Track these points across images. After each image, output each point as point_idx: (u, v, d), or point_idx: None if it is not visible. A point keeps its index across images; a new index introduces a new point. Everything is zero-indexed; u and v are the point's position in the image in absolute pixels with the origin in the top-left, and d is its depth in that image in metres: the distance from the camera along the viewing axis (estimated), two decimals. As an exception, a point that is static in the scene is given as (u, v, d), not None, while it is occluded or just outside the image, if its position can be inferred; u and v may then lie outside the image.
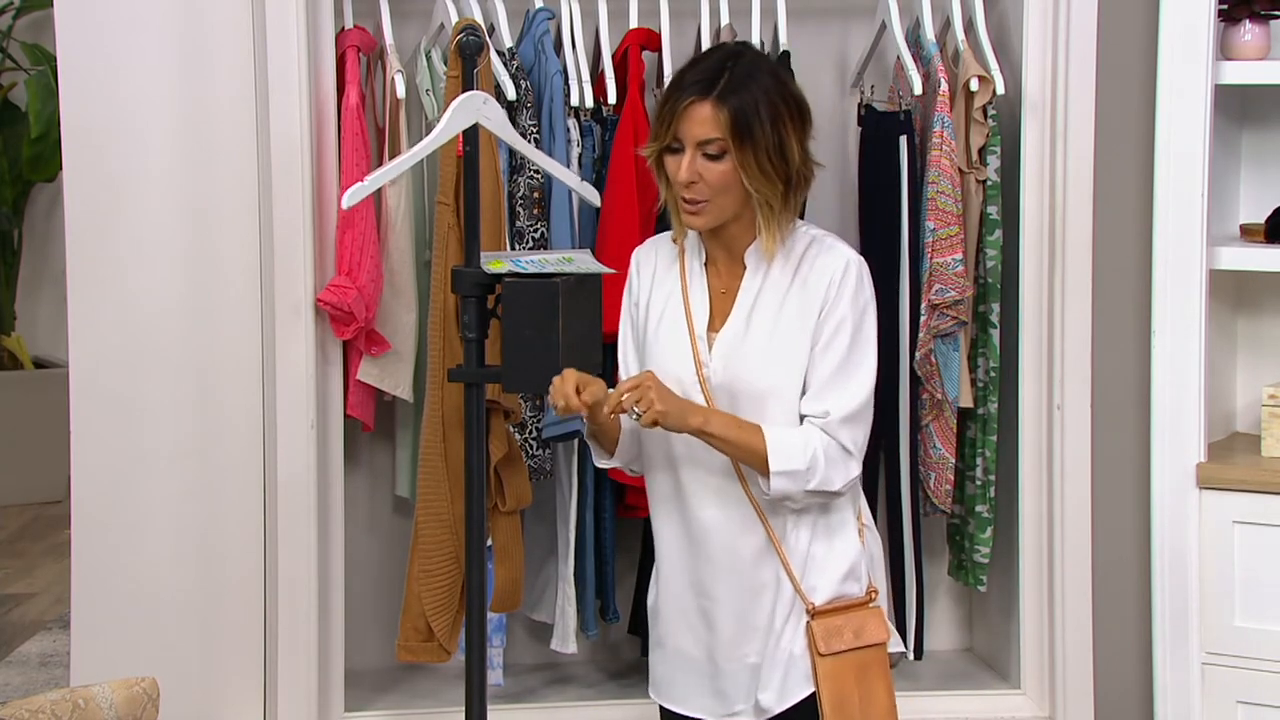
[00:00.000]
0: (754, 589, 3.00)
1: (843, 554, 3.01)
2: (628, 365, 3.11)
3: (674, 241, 3.04)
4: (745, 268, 2.98)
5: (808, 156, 2.93)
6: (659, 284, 3.04)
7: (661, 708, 3.16)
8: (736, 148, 2.85)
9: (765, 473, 2.90)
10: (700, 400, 2.96)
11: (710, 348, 2.97)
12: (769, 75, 2.90)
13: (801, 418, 2.95)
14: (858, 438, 2.94)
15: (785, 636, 2.99)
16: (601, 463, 3.12)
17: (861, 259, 3.00)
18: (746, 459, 2.92)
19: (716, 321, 2.99)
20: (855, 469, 2.95)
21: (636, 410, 2.85)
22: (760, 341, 2.95)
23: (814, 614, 2.97)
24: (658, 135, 2.90)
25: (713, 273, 3.01)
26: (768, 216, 2.90)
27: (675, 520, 3.04)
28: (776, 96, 2.88)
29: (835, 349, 2.94)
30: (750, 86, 2.86)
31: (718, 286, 2.99)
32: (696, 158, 2.86)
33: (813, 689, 2.98)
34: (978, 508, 4.24)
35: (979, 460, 4.22)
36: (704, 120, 2.84)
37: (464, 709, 3.47)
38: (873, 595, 3.02)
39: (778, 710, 3.00)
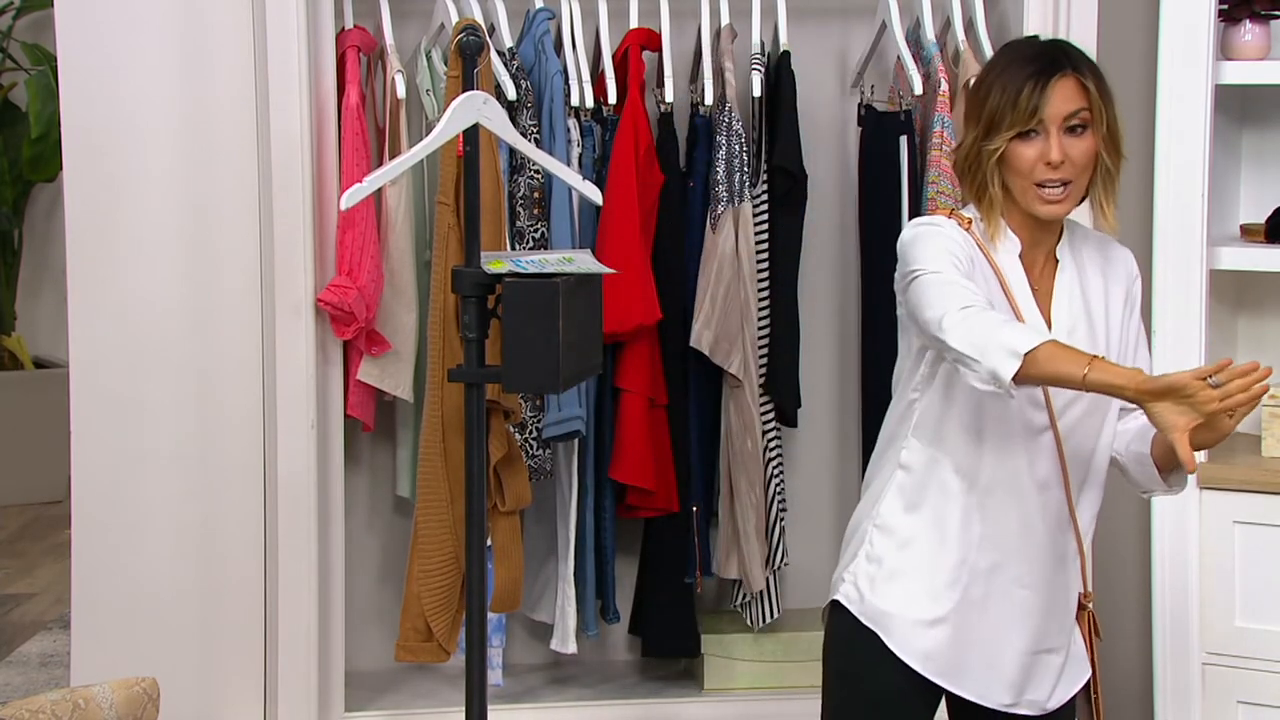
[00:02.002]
0: (1058, 586, 2.95)
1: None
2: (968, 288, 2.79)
3: (964, 227, 2.88)
4: (1057, 263, 2.91)
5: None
6: (972, 267, 2.86)
7: (919, 684, 2.97)
8: (1099, 119, 2.82)
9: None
10: (1038, 393, 2.84)
11: None
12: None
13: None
14: None
15: (1076, 626, 2.99)
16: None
17: None
18: None
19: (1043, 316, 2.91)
20: None
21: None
22: (1101, 337, 2.91)
23: (1086, 601, 2.99)
24: (1014, 122, 2.80)
25: (1025, 267, 2.90)
26: (1110, 191, 2.87)
27: (986, 504, 2.89)
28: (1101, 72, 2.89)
29: (1145, 348, 2.99)
30: (1088, 59, 2.86)
31: (1031, 282, 2.90)
32: (1061, 135, 2.80)
33: (1087, 677, 2.99)
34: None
35: (979, 460, 4.22)
36: (1071, 94, 2.80)
37: (464, 709, 3.47)
38: None
39: (1062, 703, 2.98)
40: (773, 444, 4.20)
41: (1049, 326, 2.87)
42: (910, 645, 2.91)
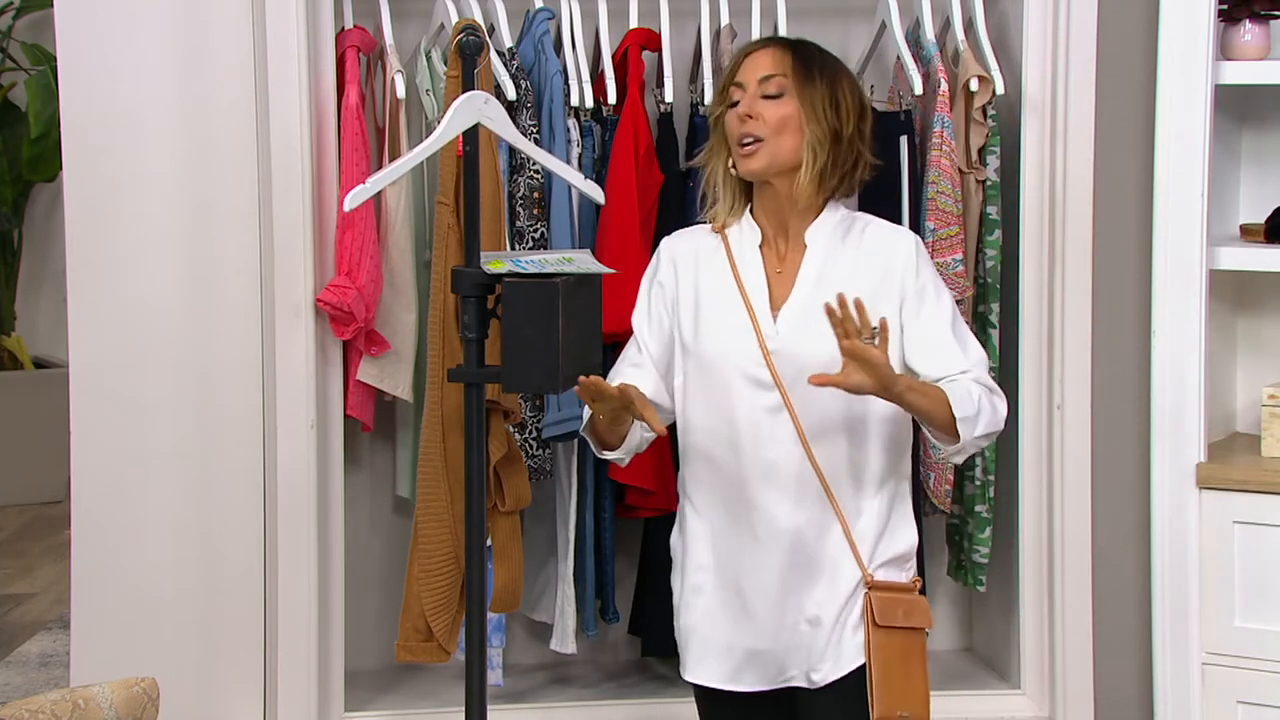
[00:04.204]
0: (814, 562, 3.05)
1: (904, 540, 3.11)
2: (644, 346, 3.18)
3: (716, 230, 3.12)
4: (806, 247, 3.07)
5: (864, 141, 3.07)
6: (702, 273, 3.12)
7: (702, 691, 3.19)
8: (796, 85, 3.00)
9: (948, 429, 2.98)
10: (764, 374, 3.01)
11: (775, 320, 3.03)
12: (831, 56, 3.10)
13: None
14: (994, 383, 3.08)
15: (844, 609, 3.05)
16: (606, 455, 3.18)
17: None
18: (931, 415, 2.97)
19: (777, 298, 3.06)
20: (1005, 409, 3.06)
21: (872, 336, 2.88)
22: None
23: (871, 586, 3.04)
24: (722, 87, 3.06)
25: (768, 254, 3.09)
26: (810, 161, 3.00)
27: (727, 497, 3.07)
28: (836, 66, 3.07)
29: (941, 312, 3.06)
30: (812, 48, 3.08)
31: (774, 267, 3.08)
32: (756, 97, 3.01)
33: (862, 661, 3.04)
34: (977, 508, 4.24)
35: (978, 460, 4.22)
36: (765, 61, 3.02)
37: (464, 709, 3.48)
38: (918, 583, 3.10)
39: (831, 680, 3.06)
40: (772, 444, 4.20)
41: (775, 310, 3.03)
42: (688, 667, 3.17)
